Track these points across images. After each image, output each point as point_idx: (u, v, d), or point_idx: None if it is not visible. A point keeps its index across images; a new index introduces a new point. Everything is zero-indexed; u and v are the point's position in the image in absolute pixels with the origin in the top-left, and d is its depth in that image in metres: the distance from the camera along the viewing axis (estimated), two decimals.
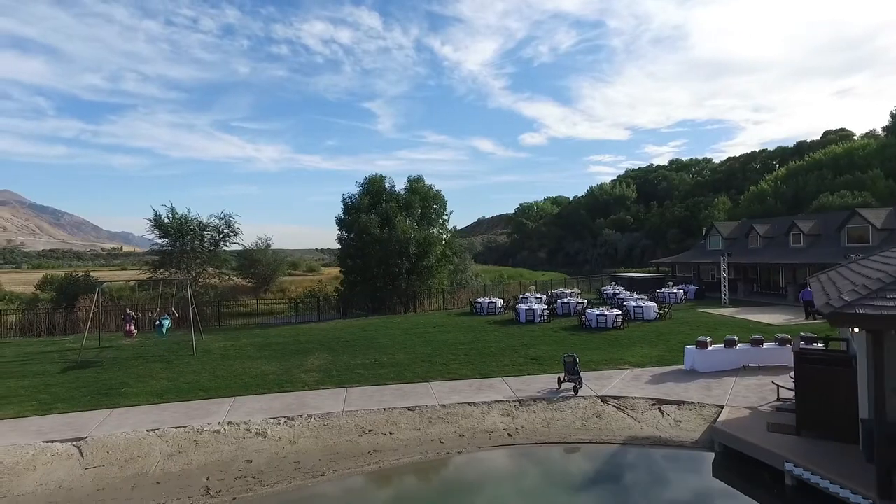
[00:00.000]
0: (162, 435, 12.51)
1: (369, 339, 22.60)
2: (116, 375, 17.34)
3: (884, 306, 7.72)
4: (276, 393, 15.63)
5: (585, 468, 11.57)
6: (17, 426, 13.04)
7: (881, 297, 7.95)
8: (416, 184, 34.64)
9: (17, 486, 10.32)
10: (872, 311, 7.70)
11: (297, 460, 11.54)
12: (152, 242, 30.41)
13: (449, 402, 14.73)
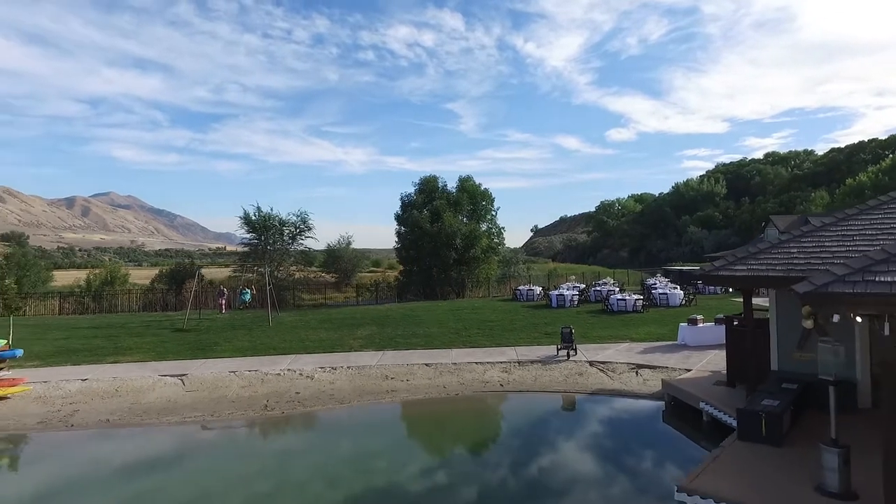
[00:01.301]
0: (239, 375, 16.81)
1: (413, 318, 26.31)
2: (210, 337, 22.20)
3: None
4: (328, 353, 19.65)
5: (550, 407, 14.48)
6: (143, 366, 17.89)
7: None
8: (465, 183, 38.09)
9: (144, 398, 14.88)
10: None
11: (332, 394, 15.35)
12: (242, 237, 36.19)
13: (461, 361, 18.05)
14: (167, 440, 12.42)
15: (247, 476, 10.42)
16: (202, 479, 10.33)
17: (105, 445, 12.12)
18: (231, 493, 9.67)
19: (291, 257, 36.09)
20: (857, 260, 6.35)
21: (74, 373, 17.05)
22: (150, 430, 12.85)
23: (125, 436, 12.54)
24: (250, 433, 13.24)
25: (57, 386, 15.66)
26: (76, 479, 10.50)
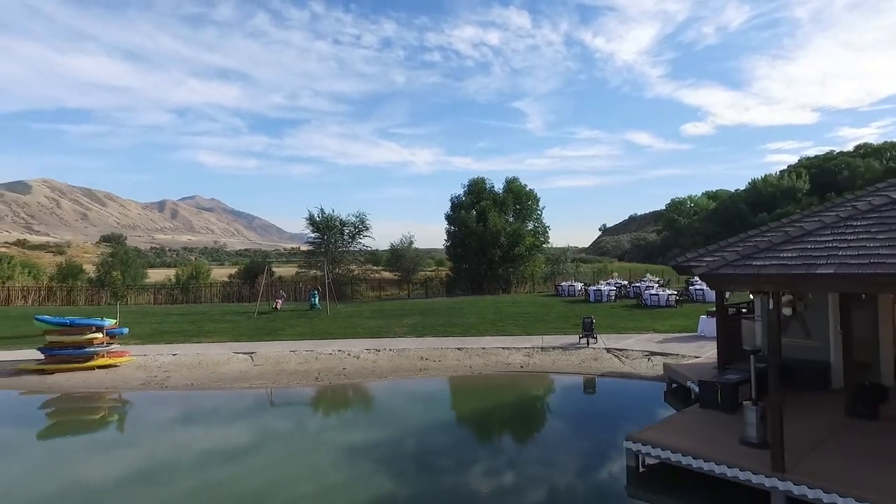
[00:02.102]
0: (297, 354, 19.70)
1: (456, 310, 28.55)
2: (276, 324, 25.45)
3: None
4: (375, 338, 22.27)
5: (557, 384, 16.29)
6: (221, 345, 21.19)
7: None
8: (512, 184, 39.92)
9: (220, 369, 18.00)
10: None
11: (373, 370, 17.87)
12: (307, 236, 39.85)
13: (490, 346, 20.12)
14: (236, 399, 15.33)
15: (295, 423, 13.07)
16: (260, 426, 13.06)
17: (190, 402, 15.18)
18: (281, 433, 12.32)
19: (350, 255, 39.33)
20: (748, 248, 7.95)
21: (167, 349, 20.57)
22: (224, 392, 15.83)
23: (205, 396, 15.57)
24: (301, 396, 15.95)
25: (153, 358, 19.14)
26: (168, 423, 13.55)
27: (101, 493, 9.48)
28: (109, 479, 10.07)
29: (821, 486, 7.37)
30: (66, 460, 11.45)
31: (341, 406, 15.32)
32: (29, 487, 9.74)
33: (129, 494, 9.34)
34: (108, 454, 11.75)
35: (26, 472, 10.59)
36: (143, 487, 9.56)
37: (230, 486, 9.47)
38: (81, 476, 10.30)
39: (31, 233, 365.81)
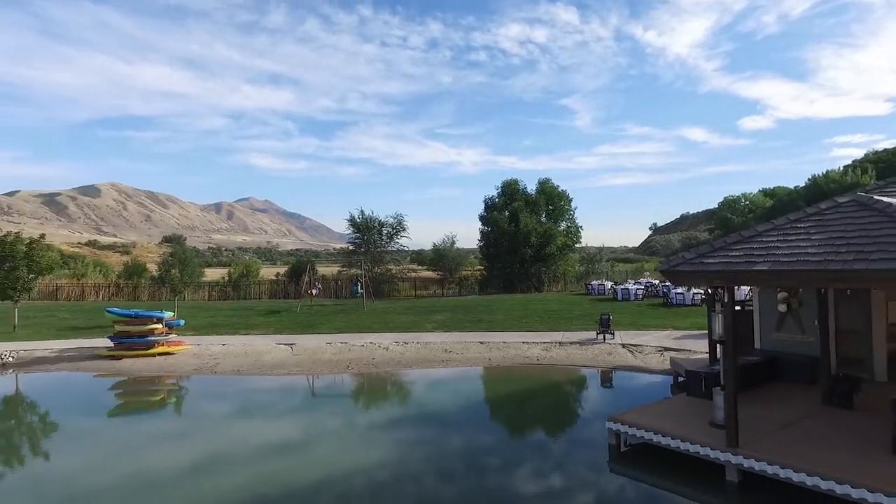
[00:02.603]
0: (332, 345, 21.47)
1: (485, 307, 29.78)
2: (316, 318, 27.40)
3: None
4: (405, 332, 23.82)
5: (571, 376, 17.32)
6: (265, 337, 23.24)
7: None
8: (544, 185, 40.74)
9: (263, 358, 19.94)
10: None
11: (400, 360, 19.40)
12: (348, 236, 41.98)
13: (511, 341, 21.31)
14: (276, 383, 17.15)
15: (324, 402, 14.72)
16: (292, 405, 14.79)
17: (236, 384, 17.10)
18: (308, 409, 13.99)
19: (389, 254, 41.17)
20: (703, 248, 8.92)
21: (217, 340, 22.78)
22: (265, 377, 17.71)
23: (249, 380, 17.47)
24: (331, 381, 17.61)
25: (206, 348, 21.32)
26: (214, 402, 15.48)
27: (161, 458, 11.35)
28: (167, 447, 11.98)
29: (766, 460, 8.30)
30: (131, 433, 13.48)
31: (365, 390, 16.91)
32: (103, 455, 11.74)
33: (186, 459, 11.16)
34: (166, 428, 13.74)
35: (99, 443, 12.64)
36: (196, 452, 11.38)
37: (266, 443, 11.16)
38: (144, 446, 12.24)
39: (101, 234, 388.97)
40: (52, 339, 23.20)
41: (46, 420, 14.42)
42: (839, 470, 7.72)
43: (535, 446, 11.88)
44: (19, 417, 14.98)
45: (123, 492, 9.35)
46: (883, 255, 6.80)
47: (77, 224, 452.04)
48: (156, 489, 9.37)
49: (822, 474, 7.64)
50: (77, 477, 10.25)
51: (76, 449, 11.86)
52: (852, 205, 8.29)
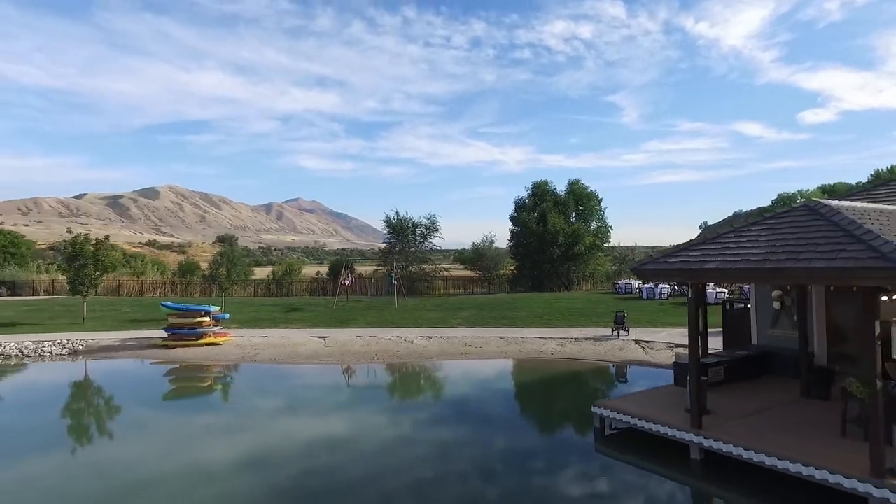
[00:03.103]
0: (362, 339, 23.11)
1: (510, 305, 30.87)
2: (349, 314, 29.20)
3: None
4: (430, 327, 25.26)
5: (579, 368, 18.30)
6: (301, 331, 25.15)
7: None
8: (574, 185, 41.36)
9: (299, 349, 21.77)
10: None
11: (422, 353, 20.83)
12: (384, 237, 43.84)
13: (529, 336, 22.40)
14: (308, 371, 18.88)
15: (351, 383, 16.30)
16: (321, 387, 16.43)
17: (272, 371, 18.92)
18: (337, 392, 15.59)
19: (423, 254, 42.75)
20: (672, 249, 9.89)
21: (259, 332, 24.82)
22: (299, 366, 19.47)
23: (285, 368, 19.26)
24: (358, 369, 19.19)
25: (248, 339, 23.36)
26: (256, 383, 17.33)
27: (210, 430, 13.16)
28: (215, 420, 13.80)
29: (723, 440, 9.24)
30: (182, 413, 15.43)
31: (384, 377, 18.41)
32: (160, 432, 13.66)
33: (232, 429, 12.93)
34: (212, 407, 15.64)
35: (154, 421, 14.61)
36: (241, 422, 13.14)
37: (294, 415, 12.79)
38: (193, 424, 14.11)
39: (160, 234, 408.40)
40: (115, 330, 25.82)
41: (111, 403, 16.55)
42: (790, 450, 8.58)
43: (528, 428, 13.04)
44: (87, 399, 17.20)
45: (179, 461, 11.12)
46: (809, 255, 7.70)
47: (138, 225, 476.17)
48: (205, 456, 11.11)
49: (768, 452, 8.55)
50: (136, 452, 12.13)
51: (134, 427, 13.81)
52: (803, 210, 9.10)
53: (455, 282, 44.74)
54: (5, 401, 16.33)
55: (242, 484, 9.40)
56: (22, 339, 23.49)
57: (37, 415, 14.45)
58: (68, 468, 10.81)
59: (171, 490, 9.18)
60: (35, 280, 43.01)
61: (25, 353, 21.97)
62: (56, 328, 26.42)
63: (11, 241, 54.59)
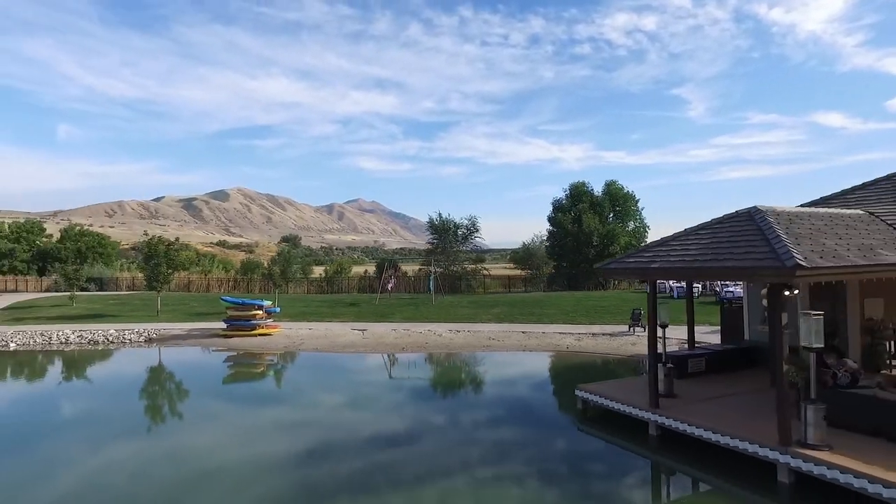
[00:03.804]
0: (396, 331, 25.29)
1: (540, 303, 32.23)
2: (388, 310, 31.50)
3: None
4: (461, 322, 27.13)
5: (588, 361, 19.65)
6: (343, 324, 27.64)
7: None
8: (611, 186, 42.00)
9: (338, 340, 24.19)
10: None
11: (448, 344, 22.74)
12: (428, 238, 46.01)
13: (549, 331, 23.87)
14: (344, 358, 21.20)
15: (379, 367, 18.48)
16: (356, 368, 18.67)
17: (314, 358, 21.37)
18: (368, 371, 17.78)
19: (464, 254, 44.61)
20: (633, 250, 11.29)
21: (305, 325, 27.51)
22: (337, 354, 21.83)
23: (325, 355, 21.66)
24: (388, 357, 21.30)
25: (295, 331, 26.04)
26: (298, 367, 19.81)
27: (261, 402, 15.65)
28: (267, 395, 16.30)
29: (673, 417, 10.62)
30: (239, 392, 18.07)
31: (408, 363, 20.43)
32: (223, 405, 16.28)
33: (281, 400, 15.36)
34: (266, 384, 18.20)
35: (217, 398, 17.28)
36: (283, 395, 15.56)
37: (328, 388, 15.05)
38: (251, 396, 16.66)
39: (229, 234, 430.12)
40: (183, 322, 29.25)
41: (179, 385, 19.38)
42: (731, 427, 9.87)
43: (522, 407, 14.69)
44: (161, 381, 20.19)
45: (238, 427, 13.58)
46: (728, 256, 9.04)
47: (210, 226, 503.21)
48: (259, 423, 13.53)
49: (698, 425, 9.91)
50: (199, 424, 14.73)
51: (197, 406, 16.49)
52: (744, 215, 10.30)
53: (499, 280, 46.34)
54: (93, 383, 19.53)
55: (287, 442, 11.68)
56: (107, 328, 27.20)
57: (114, 396, 17.38)
58: (141, 447, 13.47)
59: (233, 453, 11.56)
60: (118, 277, 48.15)
61: (109, 340, 25.55)
62: (134, 319, 30.19)
63: (99, 242, 60.75)
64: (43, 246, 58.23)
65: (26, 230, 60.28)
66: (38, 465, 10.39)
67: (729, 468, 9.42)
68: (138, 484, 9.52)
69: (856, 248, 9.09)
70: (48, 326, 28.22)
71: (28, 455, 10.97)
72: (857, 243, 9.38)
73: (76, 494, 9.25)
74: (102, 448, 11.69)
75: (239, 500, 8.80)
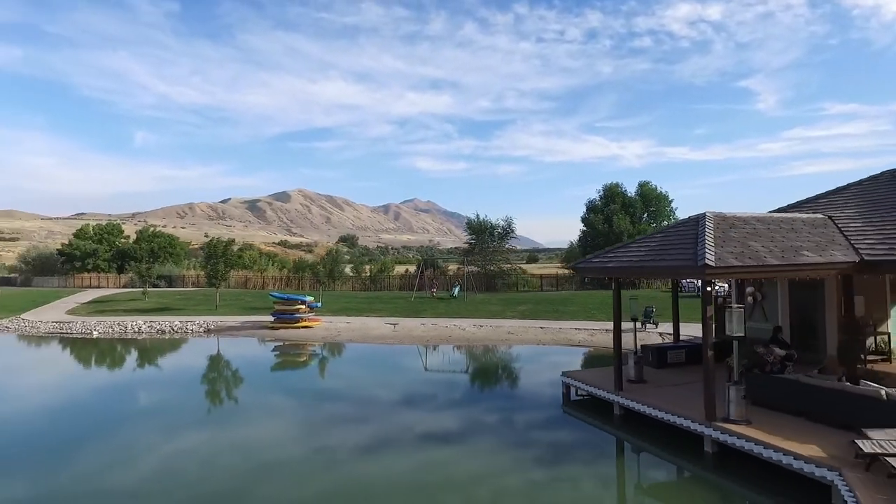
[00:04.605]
0: (425, 325, 27.40)
1: (566, 301, 33.47)
2: (423, 306, 33.66)
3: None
4: (485, 318, 28.92)
5: (594, 353, 21.03)
6: (378, 319, 30.03)
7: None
8: (644, 187, 42.44)
9: (371, 332, 26.55)
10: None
11: (469, 337, 24.63)
12: (466, 238, 47.89)
13: (566, 327, 25.30)
14: (375, 348, 23.48)
15: (401, 354, 20.66)
16: (384, 356, 20.90)
17: (349, 348, 23.79)
18: (392, 358, 19.98)
19: (500, 253, 46.16)
20: (599, 252, 12.81)
21: (344, 319, 30.07)
22: (369, 344, 24.16)
23: (358, 345, 24.05)
24: (413, 347, 23.39)
25: (334, 324, 28.62)
26: (336, 355, 22.29)
27: (306, 380, 18.16)
28: (305, 377, 18.81)
29: (631, 398, 12.11)
30: (286, 373, 20.70)
31: (427, 351, 22.48)
32: (275, 384, 18.90)
33: (316, 381, 17.82)
34: (305, 369, 20.78)
35: (270, 376, 19.95)
36: (319, 373, 18.00)
37: (358, 367, 17.34)
38: (293, 379, 19.23)
39: (291, 234, 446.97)
40: (238, 315, 32.49)
41: (234, 371, 22.23)
42: (678, 407, 11.30)
43: (517, 391, 16.39)
44: (219, 366, 23.14)
45: (292, 402, 16.08)
46: (665, 257, 10.51)
47: (273, 226, 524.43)
48: (297, 401, 15.99)
49: (648, 404, 11.38)
50: (255, 399, 17.33)
51: (253, 384, 19.16)
52: (693, 221, 11.62)
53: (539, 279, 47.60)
54: (161, 369, 22.67)
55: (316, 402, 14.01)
56: (172, 320, 30.76)
57: (176, 380, 20.34)
58: (192, 424, 16.15)
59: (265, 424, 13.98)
60: (185, 274, 52.86)
61: (174, 330, 29.01)
62: (196, 312, 33.76)
63: (169, 242, 66.42)
64: (121, 246, 64.31)
65: (107, 232, 66.65)
66: (116, 450, 11.68)
67: (672, 441, 10.87)
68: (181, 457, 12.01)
69: (780, 250, 10.33)
70: (124, 318, 32.16)
71: (106, 440, 12.92)
72: (785, 246, 10.60)
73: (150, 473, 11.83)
74: (164, 432, 14.36)
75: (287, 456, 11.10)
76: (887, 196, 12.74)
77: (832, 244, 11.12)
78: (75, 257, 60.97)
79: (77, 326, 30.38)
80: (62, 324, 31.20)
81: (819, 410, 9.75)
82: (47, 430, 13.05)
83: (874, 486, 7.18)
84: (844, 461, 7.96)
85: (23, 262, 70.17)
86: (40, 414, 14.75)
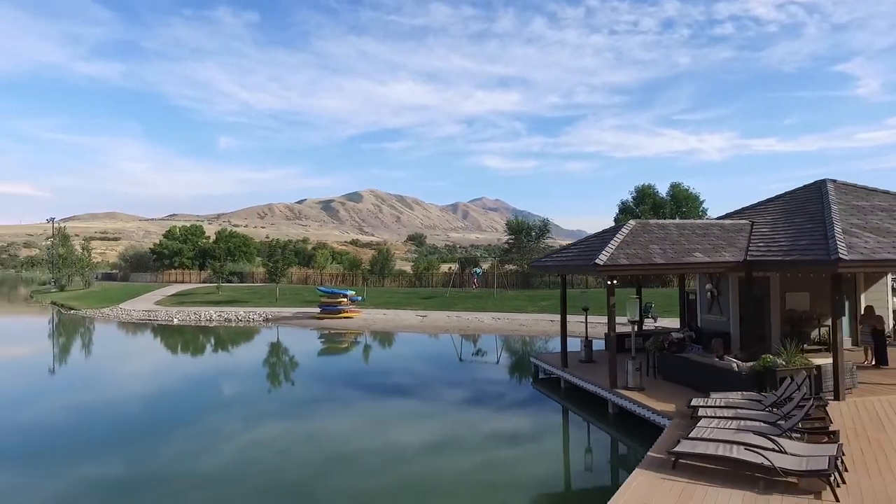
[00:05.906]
0: (449, 318, 30.64)
1: (589, 298, 35.42)
2: (455, 301, 36.87)
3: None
4: (505, 312, 31.74)
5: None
6: (411, 311, 33.56)
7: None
8: (675, 188, 43.29)
9: (401, 322, 30.10)
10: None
11: (484, 328, 27.63)
12: (506, 238, 50.52)
13: (573, 321, 27.67)
14: (402, 335, 26.97)
15: (419, 339, 24.07)
16: (407, 341, 24.38)
17: (380, 334, 27.43)
18: (412, 342, 23.43)
19: (539, 252, 48.40)
20: (556, 251, 15.46)
21: (381, 311, 33.84)
22: (400, 332, 27.71)
23: (390, 333, 27.65)
24: (434, 335, 26.62)
25: (371, 315, 32.44)
26: (370, 340, 26.05)
27: (350, 360, 22.03)
28: (354, 355, 22.69)
29: (570, 374, 14.75)
30: (331, 354, 24.70)
31: (440, 338, 25.65)
32: (322, 365, 22.93)
33: (350, 358, 21.63)
34: (343, 350, 24.69)
35: (318, 358, 23.99)
36: (354, 351, 21.79)
37: (385, 346, 20.94)
38: (341, 357, 23.16)
39: (362, 234, 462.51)
40: (293, 307, 37.08)
41: (292, 358, 26.40)
42: (595, 378, 13.83)
43: (500, 370, 19.22)
44: (278, 352, 27.41)
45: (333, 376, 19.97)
46: (581, 257, 13.17)
47: (346, 225, 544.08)
48: (332, 371, 19.82)
49: (575, 376, 14.03)
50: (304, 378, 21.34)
51: (305, 365, 23.20)
52: (614, 229, 14.12)
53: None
54: (230, 352, 27.18)
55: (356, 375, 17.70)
56: (238, 311, 35.78)
57: (235, 362, 24.66)
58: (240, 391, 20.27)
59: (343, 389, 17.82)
60: (255, 271, 58.89)
61: (239, 319, 33.93)
62: (259, 304, 38.74)
63: (244, 242, 73.53)
64: (203, 246, 71.96)
65: (191, 233, 74.76)
66: (194, 436, 16.24)
67: (591, 405, 13.49)
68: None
69: (673, 251, 12.71)
70: (200, 308, 37.61)
71: (180, 426, 17.69)
72: (682, 249, 12.94)
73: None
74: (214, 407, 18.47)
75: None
76: (801, 205, 14.58)
77: (730, 247, 13.31)
78: (164, 255, 69.19)
79: (161, 315, 36.07)
80: (150, 312, 37.08)
81: (696, 381, 12.09)
82: (135, 411, 15.38)
83: (682, 427, 9.65)
84: (681, 413, 10.43)
85: (122, 260, 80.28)
86: (130, 395, 19.34)
